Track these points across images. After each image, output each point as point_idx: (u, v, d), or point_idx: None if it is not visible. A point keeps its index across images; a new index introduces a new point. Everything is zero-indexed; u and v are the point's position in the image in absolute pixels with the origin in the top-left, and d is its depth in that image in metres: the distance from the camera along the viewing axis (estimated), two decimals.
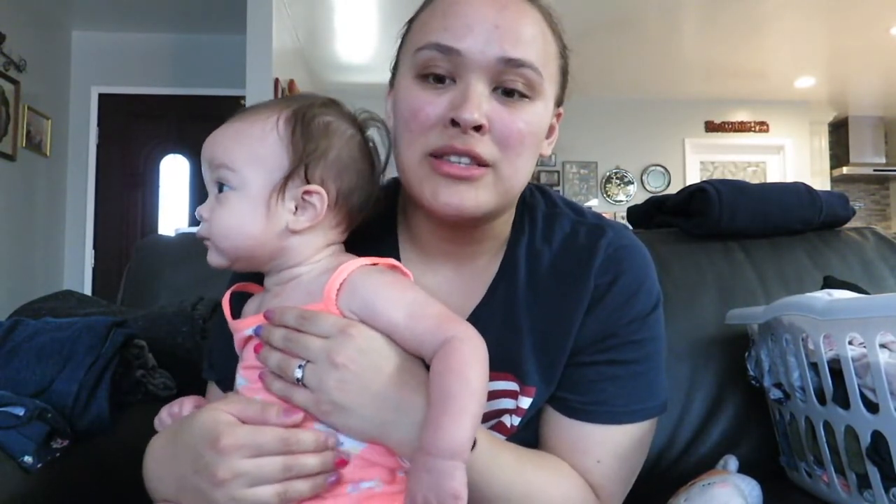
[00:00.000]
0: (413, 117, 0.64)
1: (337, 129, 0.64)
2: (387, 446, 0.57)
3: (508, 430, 0.69)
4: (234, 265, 0.64)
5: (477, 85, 0.63)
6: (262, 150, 0.61)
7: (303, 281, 0.63)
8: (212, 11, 4.35)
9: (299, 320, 0.58)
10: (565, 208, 0.77)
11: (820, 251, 1.28)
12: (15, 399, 0.79)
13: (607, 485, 0.68)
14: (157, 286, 1.28)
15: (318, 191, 0.62)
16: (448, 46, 0.63)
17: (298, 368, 0.56)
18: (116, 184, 4.79)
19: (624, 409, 0.69)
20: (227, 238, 0.62)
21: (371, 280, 0.60)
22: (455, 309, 0.71)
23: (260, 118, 0.63)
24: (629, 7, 4.15)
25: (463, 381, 0.53)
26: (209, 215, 0.62)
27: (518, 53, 0.63)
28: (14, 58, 3.99)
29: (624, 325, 0.70)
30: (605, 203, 6.00)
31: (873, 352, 0.74)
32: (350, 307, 0.59)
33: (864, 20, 4.34)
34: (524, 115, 0.64)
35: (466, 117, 0.61)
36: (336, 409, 0.56)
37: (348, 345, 0.56)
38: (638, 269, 0.72)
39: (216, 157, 0.62)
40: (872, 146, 6.49)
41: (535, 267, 0.72)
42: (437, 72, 0.64)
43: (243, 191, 0.61)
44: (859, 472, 0.82)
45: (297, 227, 0.62)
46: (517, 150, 0.64)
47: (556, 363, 0.69)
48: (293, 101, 0.65)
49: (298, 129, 0.62)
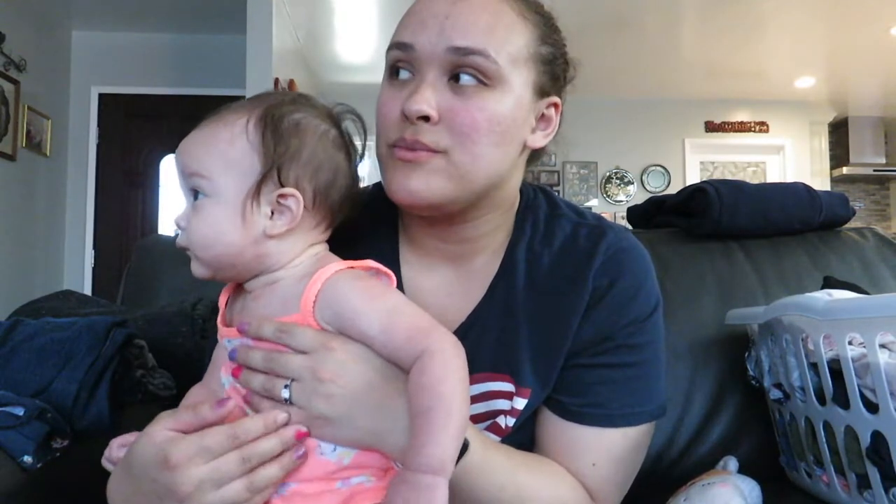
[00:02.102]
0: (378, 113, 0.67)
1: (308, 127, 0.62)
2: (380, 452, 0.57)
3: (503, 430, 0.69)
4: (217, 276, 0.62)
5: (429, 77, 0.64)
6: (233, 154, 0.60)
7: (281, 286, 0.61)
8: (212, 11, 4.34)
9: (277, 334, 0.57)
10: (567, 210, 0.77)
11: (820, 251, 1.28)
12: (15, 399, 0.79)
13: (603, 488, 0.68)
14: (157, 286, 1.28)
15: (292, 193, 0.60)
16: (404, 42, 0.65)
17: (285, 388, 0.56)
18: (116, 184, 4.79)
19: (619, 412, 0.68)
20: (206, 248, 0.60)
21: (341, 290, 0.58)
22: (454, 310, 0.71)
23: (229, 122, 0.61)
24: (628, 7, 4.14)
25: (437, 398, 0.52)
26: (186, 224, 0.61)
27: (466, 42, 0.63)
28: (14, 58, 3.99)
29: (621, 328, 0.70)
30: (605, 203, 6.00)
31: (873, 352, 0.74)
32: (326, 318, 0.58)
33: (864, 20, 4.34)
34: (479, 102, 0.64)
35: (412, 108, 0.62)
36: (328, 424, 0.55)
37: (331, 359, 0.56)
38: (637, 273, 0.72)
39: (188, 166, 0.60)
40: (872, 146, 6.49)
41: (534, 268, 0.72)
42: (399, 66, 0.66)
43: (217, 198, 0.59)
44: (859, 473, 0.81)
45: (273, 232, 0.60)
46: (472, 138, 0.64)
47: (552, 365, 0.69)
48: (261, 101, 0.63)
49: (269, 131, 0.60)
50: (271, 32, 3.72)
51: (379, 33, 4.58)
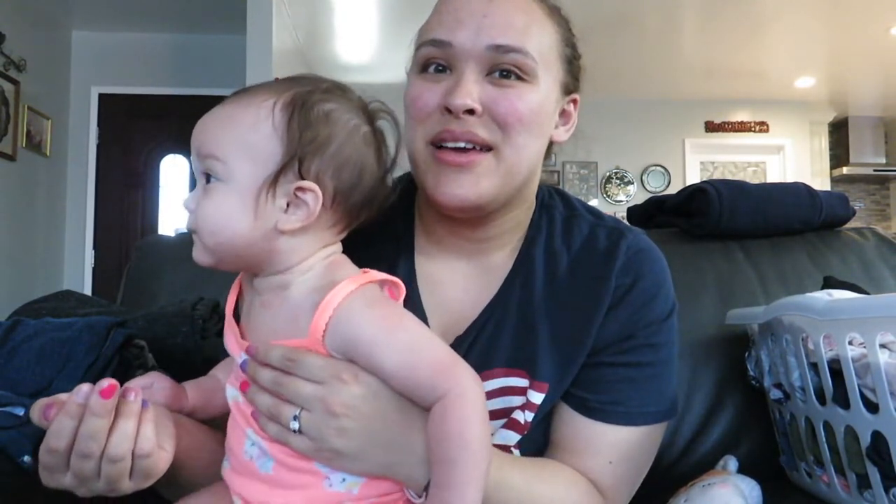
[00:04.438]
0: (413, 105, 0.67)
1: (339, 119, 0.58)
2: (391, 480, 0.57)
3: (522, 426, 0.69)
4: (220, 265, 0.59)
5: (468, 72, 0.65)
6: (254, 138, 0.55)
7: (291, 295, 0.57)
8: (212, 11, 4.34)
9: (285, 362, 0.54)
10: (584, 211, 0.78)
11: (820, 251, 1.28)
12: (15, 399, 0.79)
13: (616, 486, 0.69)
14: (156, 286, 1.28)
15: (311, 188, 0.55)
16: (441, 40, 0.66)
17: (294, 420, 0.54)
18: (116, 184, 4.79)
19: (638, 410, 0.69)
20: (212, 234, 0.56)
21: (355, 320, 0.54)
22: (469, 304, 0.72)
23: (254, 102, 0.57)
24: (629, 7, 4.14)
25: (462, 448, 0.50)
26: (194, 207, 0.57)
27: (506, 40, 0.64)
28: (14, 58, 3.99)
29: (643, 327, 0.71)
30: (605, 203, 5.99)
31: (873, 352, 0.74)
32: (336, 347, 0.54)
33: (864, 20, 4.33)
34: (520, 93, 0.65)
35: (458, 102, 0.63)
36: (338, 457, 0.54)
37: (344, 392, 0.54)
38: (657, 273, 0.73)
39: (203, 146, 0.56)
40: (872, 146, 6.49)
41: (553, 267, 0.73)
42: (434, 62, 0.67)
43: (231, 183, 0.55)
44: (859, 472, 0.81)
45: (286, 228, 0.56)
46: (516, 129, 0.65)
47: (572, 360, 0.69)
48: (294, 84, 0.59)
49: (296, 117, 0.55)
50: (271, 32, 3.72)
51: (379, 33, 4.58)
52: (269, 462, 0.56)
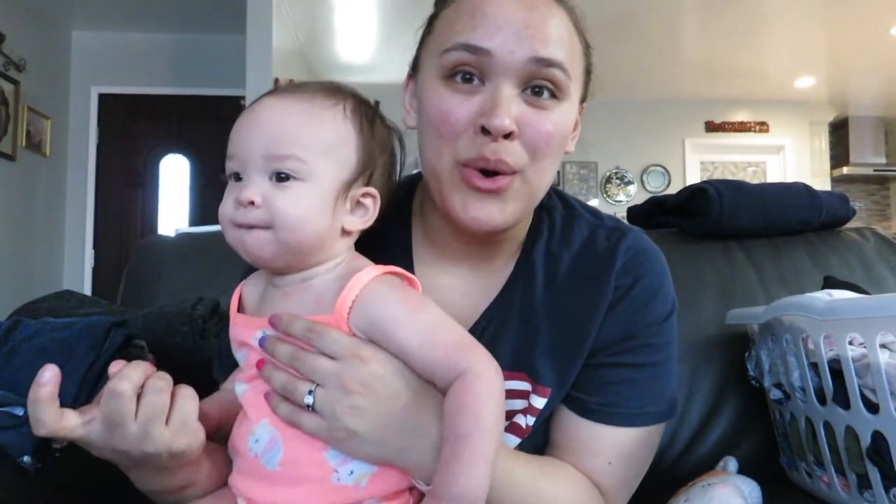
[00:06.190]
0: (443, 122, 0.62)
1: (392, 138, 0.66)
2: (401, 469, 0.56)
3: (524, 430, 0.69)
4: (277, 260, 0.58)
5: (506, 88, 0.61)
6: (333, 141, 0.58)
7: (315, 284, 0.59)
8: (212, 11, 4.35)
9: (307, 333, 0.55)
10: (583, 211, 0.77)
11: (820, 251, 1.28)
12: (15, 399, 0.79)
13: (615, 486, 0.69)
14: (156, 286, 1.28)
15: (374, 194, 0.61)
16: (477, 46, 0.61)
17: (309, 394, 0.54)
18: (116, 184, 4.79)
19: (638, 411, 0.69)
20: (293, 230, 0.56)
21: (380, 299, 0.55)
22: (469, 308, 0.71)
23: (323, 105, 0.59)
24: (629, 6, 4.14)
25: (477, 421, 0.51)
26: (262, 202, 0.55)
27: (548, 53, 0.61)
28: (14, 58, 4.00)
29: (642, 327, 0.70)
30: (605, 203, 5.99)
31: (873, 352, 0.74)
32: (359, 326, 0.56)
33: (864, 20, 4.34)
34: (553, 116, 0.63)
35: (497, 124, 0.59)
36: (350, 437, 0.54)
37: (361, 370, 0.54)
38: (657, 273, 0.73)
39: (282, 145, 0.56)
40: (872, 146, 6.49)
41: (553, 270, 0.72)
42: (465, 70, 0.62)
43: (311, 183, 0.57)
44: (859, 473, 0.81)
45: (351, 228, 0.60)
46: (545, 153, 0.63)
47: (572, 364, 0.69)
48: (341, 89, 0.63)
49: (366, 128, 0.61)
50: (271, 32, 3.72)
51: (379, 33, 4.58)
52: (276, 457, 0.56)
